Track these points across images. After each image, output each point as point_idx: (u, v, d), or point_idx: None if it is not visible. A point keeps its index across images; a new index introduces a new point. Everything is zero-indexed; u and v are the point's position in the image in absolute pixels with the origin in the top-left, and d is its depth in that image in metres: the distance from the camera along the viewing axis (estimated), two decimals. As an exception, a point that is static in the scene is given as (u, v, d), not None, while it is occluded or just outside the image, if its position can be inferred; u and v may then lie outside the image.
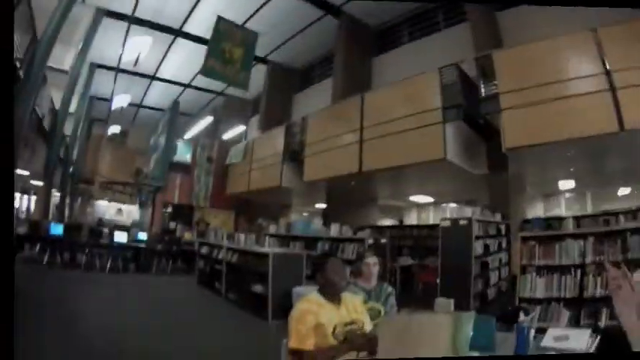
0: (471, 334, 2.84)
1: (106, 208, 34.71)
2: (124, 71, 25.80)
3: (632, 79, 9.60)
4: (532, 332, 3.62)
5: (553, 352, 3.54)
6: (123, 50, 22.54)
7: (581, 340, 3.64)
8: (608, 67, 10.00)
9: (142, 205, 29.87)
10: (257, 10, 19.11)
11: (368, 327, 3.94)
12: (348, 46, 19.69)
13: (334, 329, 3.67)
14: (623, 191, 17.39)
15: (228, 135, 27.52)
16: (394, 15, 19.76)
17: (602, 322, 6.88)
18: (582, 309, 7.26)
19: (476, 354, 3.14)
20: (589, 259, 7.42)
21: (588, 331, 3.81)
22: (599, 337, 3.78)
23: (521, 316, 3.75)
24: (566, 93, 10.43)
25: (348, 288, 4.53)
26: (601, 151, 12.20)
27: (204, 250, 16.07)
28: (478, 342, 3.18)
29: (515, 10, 14.74)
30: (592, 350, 3.56)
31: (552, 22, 12.49)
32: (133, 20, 20.27)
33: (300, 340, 3.56)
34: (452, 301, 4.63)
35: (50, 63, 15.37)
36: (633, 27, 9.69)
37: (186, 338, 8.94)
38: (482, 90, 12.21)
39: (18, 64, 12.82)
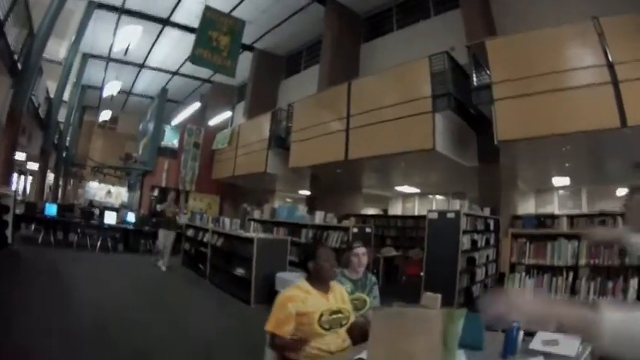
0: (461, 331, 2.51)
1: (96, 190, 35.12)
2: (114, 60, 26.12)
3: (637, 73, 8.75)
4: (521, 334, 3.32)
5: (541, 356, 3.15)
6: (113, 40, 22.70)
7: (572, 346, 3.25)
8: (610, 59, 9.12)
9: (130, 188, 29.87)
10: (244, -1, 18.60)
11: (352, 317, 3.79)
12: (335, 33, 19.18)
13: (320, 316, 3.49)
14: (622, 191, 16.14)
15: (214, 121, 27.46)
16: (382, 1, 19.16)
17: None
18: None
19: (462, 352, 2.79)
20: (583, 261, 6.51)
21: (579, 338, 3.30)
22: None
23: None
24: (564, 85, 9.57)
25: (336, 278, 4.35)
26: (600, 148, 11.35)
27: (190, 232, 15.55)
28: (466, 340, 2.77)
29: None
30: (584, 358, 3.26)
31: (549, 9, 11.81)
32: (123, 11, 20.41)
33: (276, 324, 3.47)
34: (439, 296, 4.25)
35: (45, 55, 15.70)
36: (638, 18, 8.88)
37: (166, 313, 8.84)
38: (475, 79, 11.47)
39: (16, 57, 13.17)
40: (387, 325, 2.38)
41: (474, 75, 11.47)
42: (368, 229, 12.23)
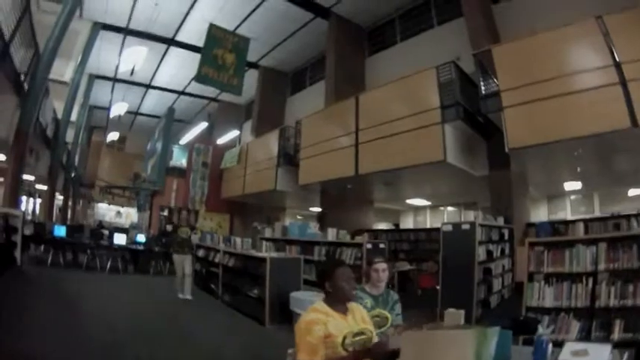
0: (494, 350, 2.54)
1: (105, 210, 35.36)
2: (120, 81, 26.24)
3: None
4: (550, 346, 3.22)
5: None
6: (119, 61, 22.97)
7: (602, 355, 3.15)
8: (617, 58, 8.99)
9: (140, 209, 29.87)
10: (248, 16, 19.00)
11: (375, 338, 3.57)
12: (340, 47, 19.14)
13: (344, 339, 3.30)
14: (634, 192, 16.15)
15: (222, 140, 27.50)
16: (385, 13, 19.13)
17: (615, 335, 5.91)
18: (594, 320, 6.24)
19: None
20: (602, 266, 6.36)
21: (609, 347, 3.30)
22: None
23: (540, 329, 3.82)
24: (572, 88, 9.46)
25: (356, 294, 4.10)
26: (611, 150, 11.14)
27: (201, 252, 15.41)
28: (494, 357, 2.69)
29: (511, 1, 14.02)
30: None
31: (551, 11, 11.76)
32: (128, 32, 20.48)
33: (310, 352, 3.21)
34: (462, 312, 4.19)
35: (52, 75, 15.64)
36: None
37: (179, 333, 8.75)
38: (482, 87, 11.34)
39: (22, 78, 13.21)
40: (418, 347, 2.31)
41: (482, 83, 11.34)
42: (382, 245, 12.13)
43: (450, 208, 23.22)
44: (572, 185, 15.75)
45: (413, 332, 2.28)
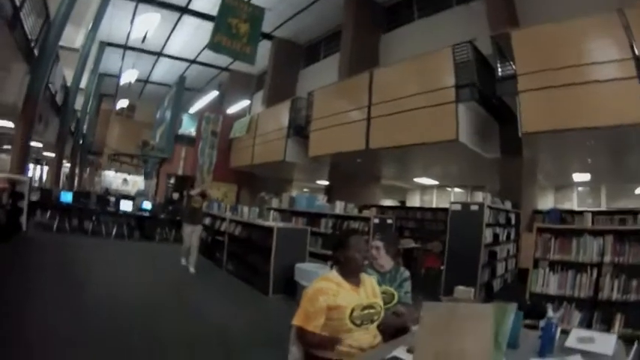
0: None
1: (112, 178, 35.24)
2: (131, 49, 26.19)
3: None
4: (558, 331, 3.20)
5: (578, 354, 2.97)
6: (131, 28, 22.85)
7: (608, 344, 3.16)
8: (637, 52, 8.92)
9: (147, 176, 29.87)
10: (264, -14, 18.53)
11: (383, 313, 3.55)
12: (356, 22, 19.09)
13: (352, 312, 3.27)
14: None
15: (232, 109, 27.48)
16: (404, -10, 18.88)
17: (616, 329, 6.00)
18: (595, 311, 6.37)
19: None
20: (607, 258, 6.46)
21: (614, 336, 3.37)
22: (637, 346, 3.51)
23: (549, 312, 3.52)
24: (589, 78, 9.38)
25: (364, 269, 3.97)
26: (623, 144, 11.10)
27: (207, 221, 15.21)
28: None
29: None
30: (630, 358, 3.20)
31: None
32: (141, -1, 20.03)
33: (305, 318, 3.24)
34: (472, 289, 4.42)
35: (62, 42, 15.59)
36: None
37: (182, 301, 8.87)
38: (499, 70, 11.32)
39: (33, 44, 13.15)
40: (437, 321, 2.23)
41: (498, 66, 11.31)
42: (389, 220, 12.19)
43: (457, 190, 23.21)
44: (580, 177, 15.73)
45: (433, 304, 2.27)
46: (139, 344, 5.82)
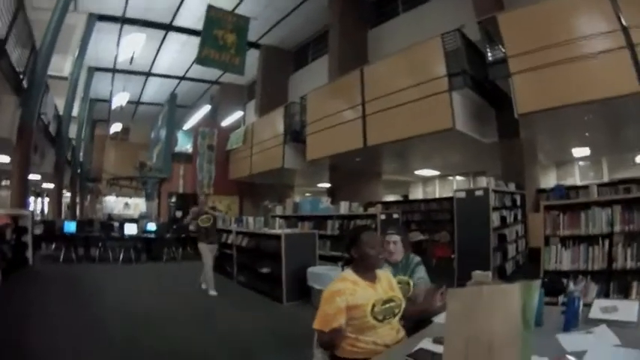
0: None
1: (114, 203, 35.39)
2: (120, 71, 26.22)
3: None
4: (581, 304, 3.21)
5: (604, 325, 3.02)
6: (118, 51, 23.01)
7: (631, 311, 3.20)
8: (624, 22, 8.97)
9: (148, 198, 29.84)
10: (246, -5, 18.52)
11: (403, 304, 3.54)
12: (342, 21, 19.08)
13: (373, 307, 3.26)
14: None
15: (226, 122, 27.65)
16: (388, -17, 18.94)
17: (633, 296, 5.93)
18: (611, 282, 6.34)
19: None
20: (617, 228, 6.40)
21: (637, 302, 3.36)
22: None
23: (571, 286, 3.46)
24: (579, 53, 9.43)
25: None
26: (619, 115, 11.09)
27: None
28: None
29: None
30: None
31: None
32: (125, 21, 20.45)
33: (324, 321, 3.23)
34: (489, 273, 4.23)
35: (50, 71, 15.53)
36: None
37: (198, 315, 8.86)
38: (489, 55, 11.33)
39: (21, 76, 13.07)
40: (464, 307, 2.19)
41: (488, 50, 11.32)
42: (395, 215, 12.22)
43: (458, 178, 23.30)
44: (580, 151, 15.72)
45: (457, 290, 2.27)
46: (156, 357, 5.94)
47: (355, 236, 3.59)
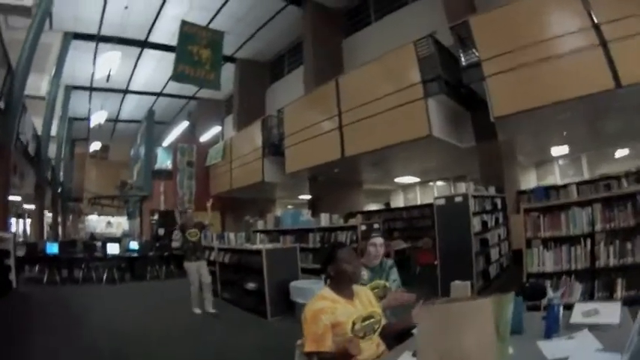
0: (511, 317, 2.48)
1: (96, 222, 35.06)
2: (97, 89, 26.05)
3: (624, 31, 8.66)
4: (561, 310, 3.17)
5: (585, 329, 2.98)
6: (94, 69, 22.83)
7: (613, 313, 3.18)
8: (595, 20, 9.05)
9: (130, 216, 29.66)
10: (220, 9, 18.75)
11: (383, 320, 3.52)
12: (316, 32, 19.07)
13: (353, 325, 3.24)
14: (621, 153, 16.31)
15: (205, 137, 27.33)
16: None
17: (618, 293, 6.09)
18: (596, 280, 6.42)
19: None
20: (598, 226, 6.49)
21: (618, 304, 3.36)
22: None
23: (550, 293, 3.35)
24: (553, 53, 9.53)
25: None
26: (596, 112, 11.18)
27: None
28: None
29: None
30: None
31: None
32: (100, 39, 20.32)
33: (316, 342, 3.16)
34: (468, 283, 4.25)
35: (27, 91, 15.28)
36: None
37: (184, 333, 8.75)
38: (463, 59, 11.37)
39: None
40: (435, 323, 2.25)
41: (462, 55, 11.33)
42: (376, 225, 12.20)
43: (439, 183, 23.31)
44: (559, 150, 15.82)
45: (428, 307, 2.22)
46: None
47: (331, 254, 3.56)
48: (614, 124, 12.77)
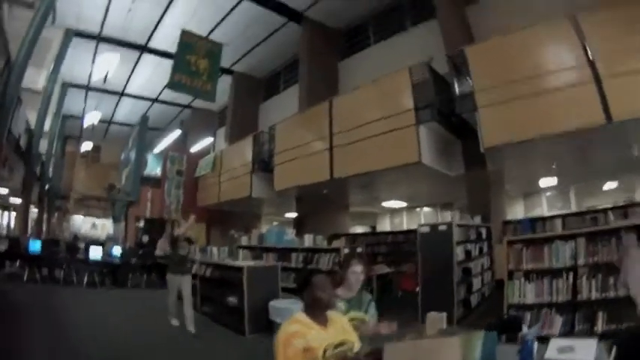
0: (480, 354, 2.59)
1: (81, 222, 34.61)
2: (94, 89, 25.88)
3: (618, 67, 8.69)
4: (535, 345, 3.29)
5: None
6: (92, 68, 22.70)
7: (588, 350, 3.23)
8: (590, 55, 9.09)
9: (115, 220, 29.41)
10: (220, 22, 18.84)
11: (357, 346, 3.51)
12: (313, 52, 19.14)
13: (324, 352, 3.23)
14: (610, 185, 16.44)
15: (196, 147, 27.20)
16: (358, 16, 19.13)
17: (599, 327, 6.16)
18: (577, 313, 6.48)
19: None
20: (581, 260, 6.59)
21: (594, 341, 3.37)
22: (615, 348, 3.51)
23: (524, 329, 3.64)
24: (546, 87, 9.54)
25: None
26: (586, 145, 11.25)
27: None
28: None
29: (485, 2, 14.06)
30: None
31: (525, 11, 11.88)
32: (101, 39, 20.26)
33: None
34: (444, 315, 4.43)
35: (24, 84, 15.30)
36: (615, 11, 8.90)
37: (160, 346, 8.77)
38: (457, 88, 11.37)
39: None
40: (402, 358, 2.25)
41: (456, 84, 11.36)
42: (359, 249, 12.29)
43: (426, 209, 23.29)
44: (547, 181, 15.87)
45: (395, 344, 2.19)
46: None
47: (306, 280, 3.62)
48: (603, 158, 12.88)
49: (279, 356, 3.22)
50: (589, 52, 9.07)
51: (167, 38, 19.50)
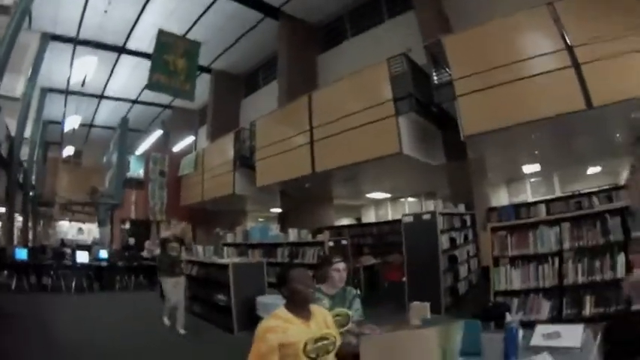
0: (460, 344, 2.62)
1: (67, 228, 34.47)
2: (73, 93, 25.42)
3: (597, 53, 8.71)
4: (520, 333, 3.27)
5: (545, 352, 2.99)
6: (71, 72, 22.32)
7: (575, 336, 3.26)
8: (569, 42, 9.12)
9: (100, 224, 29.28)
10: (197, 20, 18.75)
11: (339, 341, 3.49)
12: (291, 47, 19.06)
13: (305, 346, 3.20)
14: (593, 170, 16.44)
15: (178, 147, 27.16)
16: (335, 9, 19.04)
17: (587, 311, 6.13)
18: (564, 298, 6.44)
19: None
20: (567, 245, 6.56)
21: (581, 326, 3.43)
22: (601, 332, 3.50)
23: (508, 317, 3.46)
24: (525, 73, 9.54)
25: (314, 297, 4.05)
26: (567, 131, 11.20)
27: None
28: (465, 348, 2.86)
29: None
30: (596, 346, 3.20)
31: (502, 1, 11.66)
32: (78, 42, 20.03)
33: (258, 358, 3.19)
34: (427, 304, 4.48)
35: (2, 92, 15.21)
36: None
37: (150, 346, 8.84)
38: (435, 78, 11.38)
39: None
40: (379, 352, 2.31)
41: (434, 74, 11.36)
42: (344, 242, 12.43)
43: (410, 199, 23.24)
44: (530, 168, 15.82)
45: (372, 337, 2.16)
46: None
47: (284, 275, 3.60)
48: (585, 143, 12.85)
49: (253, 350, 3.24)
50: (567, 39, 9.10)
51: (145, 38, 19.46)
